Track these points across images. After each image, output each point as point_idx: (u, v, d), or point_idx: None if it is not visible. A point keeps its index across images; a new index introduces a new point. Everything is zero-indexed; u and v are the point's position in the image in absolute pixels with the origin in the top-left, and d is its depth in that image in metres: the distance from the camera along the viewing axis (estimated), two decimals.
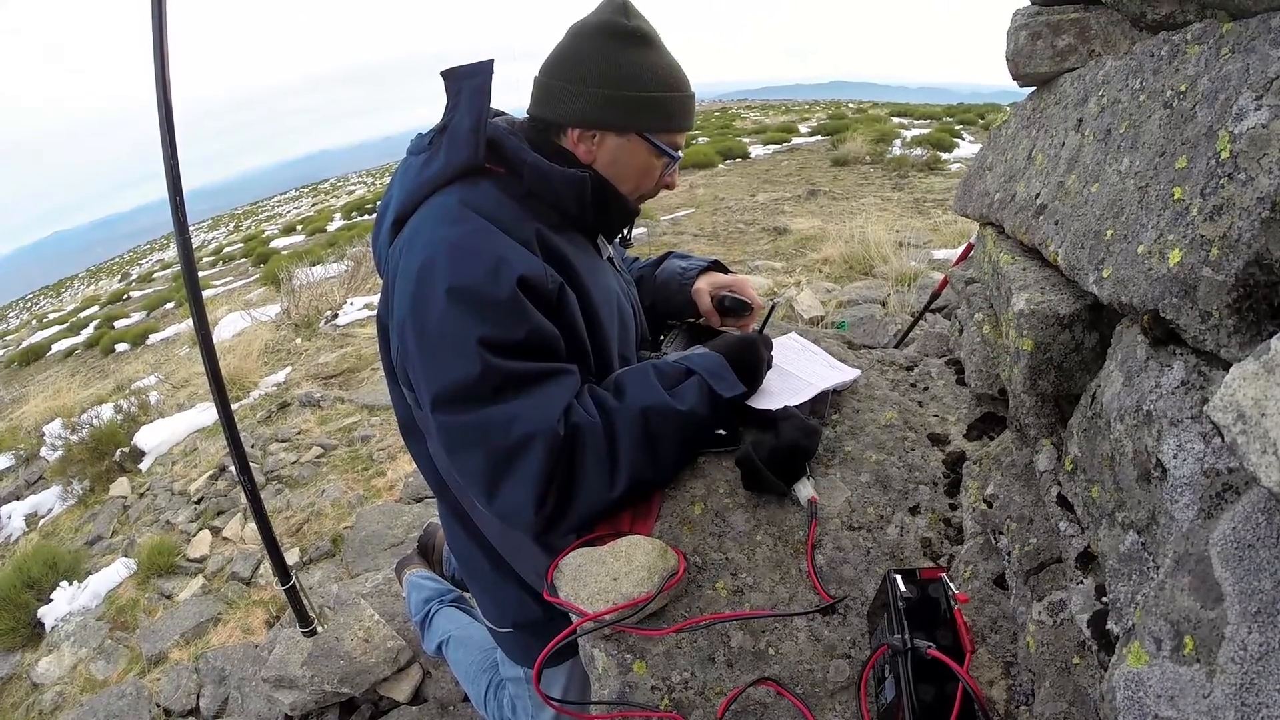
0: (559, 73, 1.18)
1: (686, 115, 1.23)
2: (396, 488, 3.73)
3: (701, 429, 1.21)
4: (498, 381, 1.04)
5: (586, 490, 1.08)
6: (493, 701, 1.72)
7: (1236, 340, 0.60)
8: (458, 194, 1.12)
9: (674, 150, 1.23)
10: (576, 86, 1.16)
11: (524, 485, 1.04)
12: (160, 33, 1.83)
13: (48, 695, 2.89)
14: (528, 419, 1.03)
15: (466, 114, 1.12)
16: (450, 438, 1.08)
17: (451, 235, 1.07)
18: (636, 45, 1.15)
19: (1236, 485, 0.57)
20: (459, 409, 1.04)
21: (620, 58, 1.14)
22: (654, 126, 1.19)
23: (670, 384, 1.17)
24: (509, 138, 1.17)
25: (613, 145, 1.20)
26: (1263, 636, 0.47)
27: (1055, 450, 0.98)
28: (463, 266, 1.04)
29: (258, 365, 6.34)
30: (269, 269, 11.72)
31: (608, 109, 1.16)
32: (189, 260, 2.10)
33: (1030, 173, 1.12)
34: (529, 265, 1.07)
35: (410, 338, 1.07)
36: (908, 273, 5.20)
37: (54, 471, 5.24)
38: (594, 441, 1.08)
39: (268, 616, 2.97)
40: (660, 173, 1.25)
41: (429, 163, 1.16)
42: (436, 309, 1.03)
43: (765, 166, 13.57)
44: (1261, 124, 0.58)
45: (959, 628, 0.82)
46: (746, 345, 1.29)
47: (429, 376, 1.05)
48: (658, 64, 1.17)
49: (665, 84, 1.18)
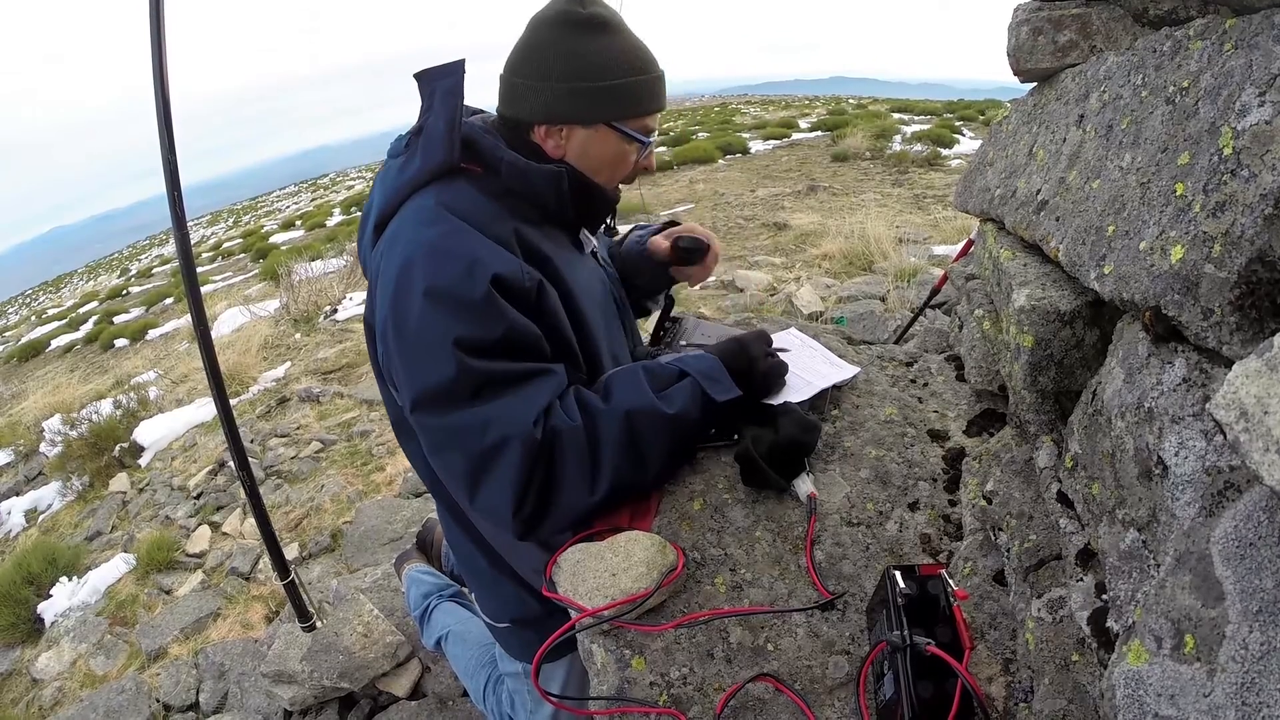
0: (520, 69, 1.16)
1: (654, 97, 1.20)
2: (396, 483, 3.73)
3: (692, 432, 1.20)
4: (474, 383, 1.04)
5: (566, 494, 1.08)
6: (491, 697, 1.72)
7: (1239, 338, 0.60)
8: (434, 195, 1.12)
9: (645, 135, 1.21)
10: (538, 82, 1.14)
11: (501, 488, 1.05)
12: (158, 28, 1.82)
13: (48, 691, 2.89)
14: (502, 422, 1.03)
15: (440, 115, 1.12)
16: (430, 439, 1.09)
17: (428, 236, 1.07)
18: (595, 32, 1.13)
19: (1238, 483, 0.57)
20: (437, 411, 1.05)
21: (579, 47, 1.13)
22: (620, 114, 1.17)
23: (661, 386, 1.16)
24: (484, 136, 1.17)
25: (581, 138, 1.18)
26: (1264, 635, 0.47)
27: (1055, 447, 0.97)
28: (438, 267, 1.04)
29: (257, 360, 6.33)
30: (268, 264, 11.71)
31: (571, 102, 1.14)
32: (188, 256, 2.09)
33: (1031, 168, 1.12)
34: (504, 264, 1.06)
35: (391, 339, 1.07)
36: (908, 268, 5.20)
37: (53, 467, 5.24)
38: (574, 445, 1.07)
39: (267, 612, 2.98)
40: (634, 158, 1.24)
41: (406, 165, 1.16)
42: (414, 310, 1.04)
43: (765, 162, 13.55)
44: (1265, 120, 0.58)
45: (958, 624, 0.82)
46: (740, 346, 1.28)
47: (408, 378, 1.06)
48: (619, 49, 1.15)
49: (628, 69, 1.15)
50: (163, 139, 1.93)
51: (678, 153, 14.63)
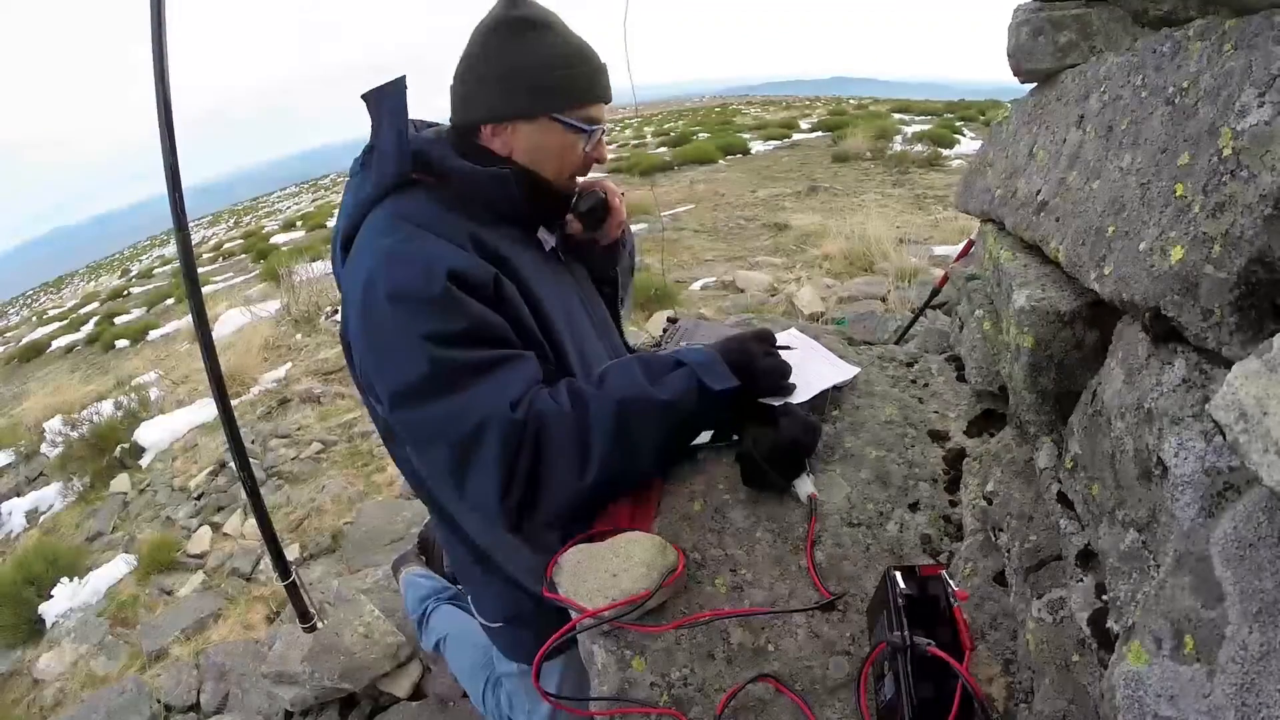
0: (464, 76, 1.22)
1: (594, 87, 1.24)
2: (396, 483, 3.73)
3: (688, 422, 1.21)
4: (448, 374, 1.07)
5: (555, 479, 1.09)
6: (491, 698, 1.72)
7: (1238, 338, 0.60)
8: (391, 207, 1.18)
9: (588, 125, 1.24)
10: (479, 85, 1.21)
11: (486, 473, 1.06)
12: (159, 29, 1.82)
13: (49, 691, 2.90)
14: (480, 406, 1.06)
15: (389, 131, 1.18)
16: (412, 435, 1.12)
17: (385, 245, 1.12)
18: (528, 31, 1.19)
19: (1238, 484, 0.57)
20: (415, 405, 1.08)
21: (514, 47, 1.18)
22: (560, 105, 1.21)
23: (656, 376, 1.17)
24: (434, 146, 1.22)
25: (526, 132, 1.22)
26: (1263, 636, 0.47)
27: (1055, 447, 0.97)
28: (398, 272, 1.08)
29: (258, 361, 6.34)
30: (269, 265, 11.70)
31: (511, 98, 1.20)
32: (188, 256, 2.10)
33: (1031, 169, 1.12)
34: (459, 259, 1.10)
35: (364, 348, 1.12)
36: (908, 269, 5.20)
37: (54, 468, 5.24)
38: (561, 428, 1.09)
39: (268, 612, 2.98)
40: (582, 147, 1.27)
41: (363, 183, 1.22)
42: (382, 315, 1.08)
43: (766, 162, 13.55)
44: (1264, 121, 0.58)
45: (958, 625, 0.82)
46: (739, 341, 1.29)
47: (384, 380, 1.10)
48: (553, 44, 1.20)
49: (564, 62, 1.20)
50: (164, 139, 1.94)
51: (678, 153, 14.63)
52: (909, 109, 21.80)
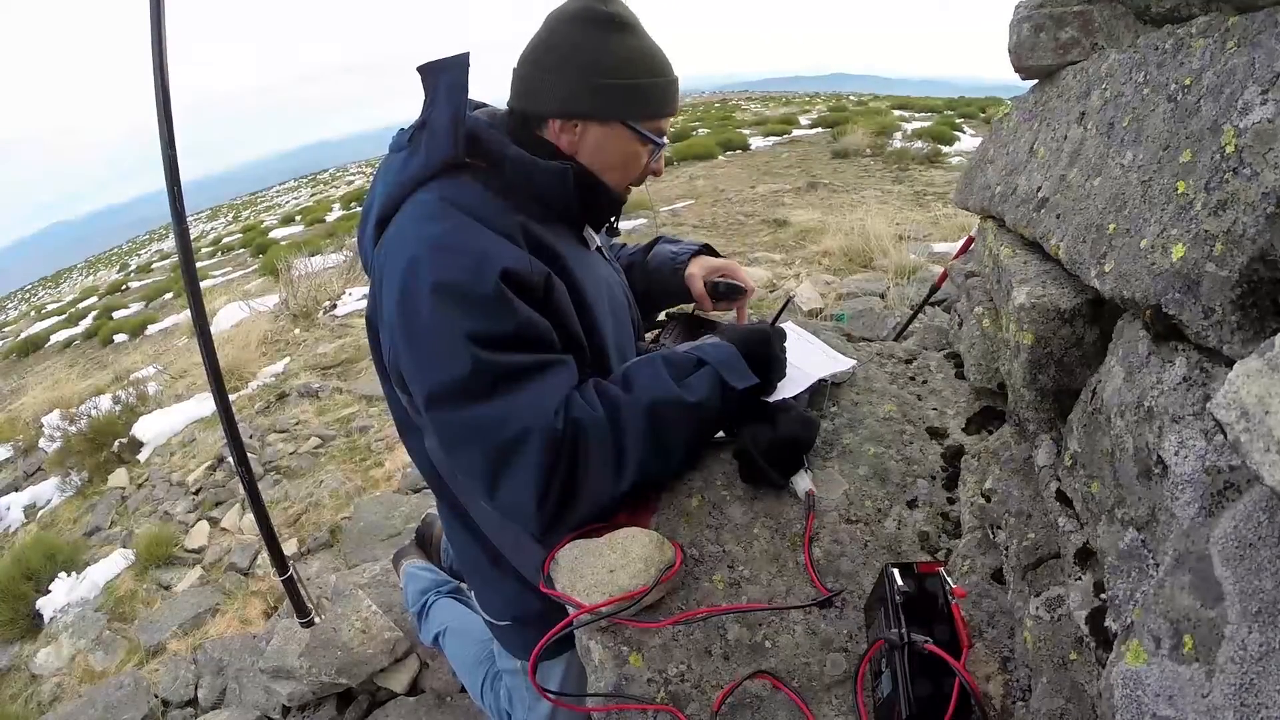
0: (538, 63, 1.16)
1: (670, 101, 1.20)
2: (395, 478, 3.73)
3: (713, 421, 1.20)
4: (490, 377, 1.03)
5: (591, 485, 1.07)
6: (490, 693, 1.72)
7: (1239, 337, 0.59)
8: (438, 190, 1.11)
9: (659, 137, 1.21)
10: (556, 77, 1.14)
11: (524, 482, 1.03)
12: (158, 21, 1.81)
13: (46, 686, 2.90)
14: (522, 415, 1.02)
15: (444, 109, 1.10)
16: (447, 436, 1.07)
17: (433, 233, 1.06)
18: (616, 31, 1.13)
19: (1238, 483, 0.57)
20: (453, 407, 1.04)
21: (600, 45, 1.12)
22: (637, 114, 1.17)
23: (681, 375, 1.15)
24: (488, 131, 1.15)
25: (596, 135, 1.18)
26: (1263, 636, 0.47)
27: (1055, 445, 0.97)
28: (446, 263, 1.03)
29: (256, 356, 6.32)
30: (267, 259, 11.68)
31: (589, 99, 1.14)
32: (187, 251, 2.09)
33: (1032, 166, 1.11)
34: (512, 258, 1.06)
35: (400, 338, 1.06)
36: (908, 266, 5.19)
37: (52, 462, 5.23)
38: (598, 435, 1.06)
39: (265, 607, 2.98)
40: (646, 160, 1.23)
41: (409, 160, 1.14)
42: (424, 308, 1.03)
43: (765, 158, 13.52)
44: (1267, 119, 0.58)
45: (956, 622, 0.82)
46: (759, 336, 1.27)
47: (421, 376, 1.05)
48: (638, 49, 1.15)
49: (647, 70, 1.15)
50: (162, 133, 1.93)
51: (678, 149, 14.60)
52: (909, 105, 21.77)
